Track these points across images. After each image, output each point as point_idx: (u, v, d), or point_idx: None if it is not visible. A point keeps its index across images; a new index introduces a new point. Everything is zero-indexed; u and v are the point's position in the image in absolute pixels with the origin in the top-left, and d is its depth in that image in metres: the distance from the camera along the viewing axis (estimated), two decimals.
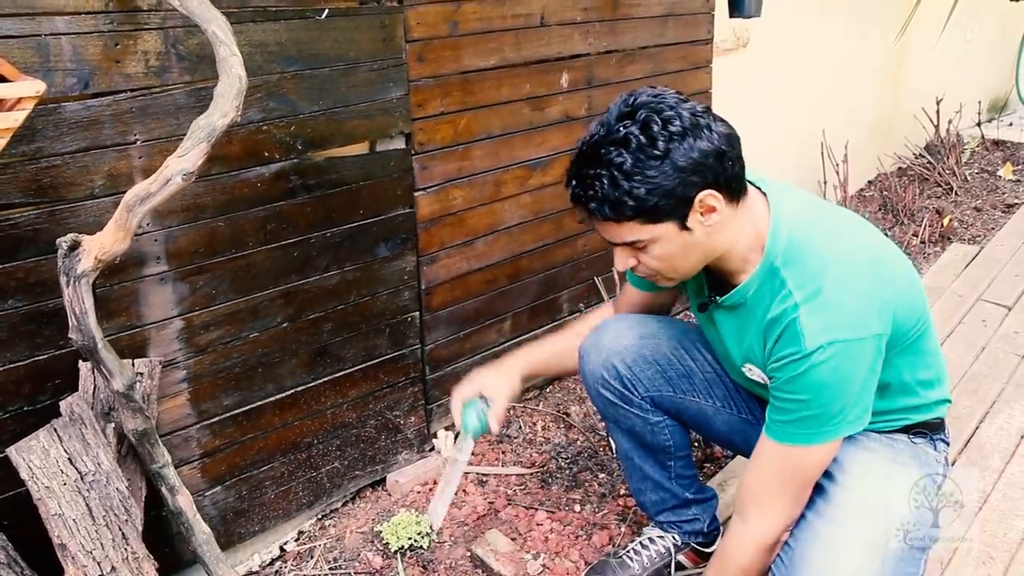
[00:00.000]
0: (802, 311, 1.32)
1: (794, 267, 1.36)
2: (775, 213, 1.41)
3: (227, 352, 1.85)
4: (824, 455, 1.40)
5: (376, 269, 2.08)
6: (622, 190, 1.29)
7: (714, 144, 1.30)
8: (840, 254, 1.38)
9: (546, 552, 2.03)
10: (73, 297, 1.39)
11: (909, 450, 1.52)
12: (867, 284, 1.36)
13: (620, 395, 1.73)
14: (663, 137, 1.28)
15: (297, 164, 1.85)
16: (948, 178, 4.48)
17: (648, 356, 1.72)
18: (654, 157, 1.28)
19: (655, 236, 1.35)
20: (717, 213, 1.33)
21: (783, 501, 1.43)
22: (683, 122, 1.29)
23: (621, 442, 1.84)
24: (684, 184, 1.29)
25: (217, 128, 1.36)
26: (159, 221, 1.68)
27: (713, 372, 1.73)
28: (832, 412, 1.34)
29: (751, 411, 1.73)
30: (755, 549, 1.45)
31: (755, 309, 1.42)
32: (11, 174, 1.48)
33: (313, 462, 2.09)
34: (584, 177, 1.33)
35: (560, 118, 2.45)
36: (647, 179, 1.28)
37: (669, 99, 1.32)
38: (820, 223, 1.43)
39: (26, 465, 1.46)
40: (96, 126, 1.56)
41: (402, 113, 2.03)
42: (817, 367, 1.30)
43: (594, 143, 1.33)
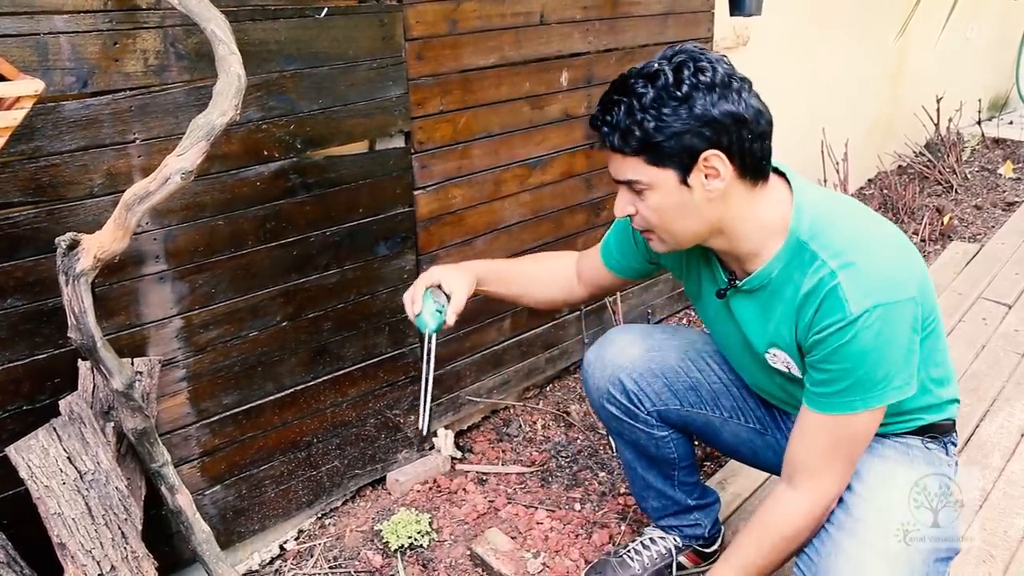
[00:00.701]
0: (841, 278, 1.30)
1: (823, 239, 1.35)
2: (798, 194, 1.40)
3: (226, 351, 1.85)
4: (872, 421, 1.37)
5: (376, 268, 2.08)
6: (634, 119, 1.29)
7: (738, 108, 1.29)
8: (867, 227, 1.38)
9: (546, 551, 2.03)
10: (72, 296, 1.39)
11: (924, 456, 1.50)
12: (897, 252, 1.36)
13: (626, 410, 1.72)
14: (689, 83, 1.28)
15: (296, 163, 1.85)
16: (948, 176, 4.48)
17: (655, 369, 1.70)
18: (674, 97, 1.28)
19: (654, 181, 1.33)
20: (719, 179, 1.31)
21: (834, 469, 1.40)
22: (715, 76, 1.28)
23: (624, 452, 1.83)
24: (694, 134, 1.28)
25: (216, 127, 1.36)
26: (158, 220, 1.68)
27: (720, 382, 1.72)
28: (877, 378, 1.32)
29: (759, 420, 1.72)
30: (804, 517, 1.42)
31: (782, 288, 1.39)
32: (10, 173, 1.48)
33: (313, 461, 2.09)
34: (607, 102, 1.34)
35: (560, 116, 2.45)
36: (661, 116, 1.28)
37: (712, 55, 1.32)
38: (842, 204, 1.44)
39: (25, 464, 1.46)
40: (95, 125, 1.56)
41: (401, 112, 2.02)
42: (862, 332, 1.29)
43: (627, 74, 1.34)
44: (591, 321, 2.74)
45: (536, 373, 2.65)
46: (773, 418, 1.72)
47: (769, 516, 1.46)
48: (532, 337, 2.58)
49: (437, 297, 1.60)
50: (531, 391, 2.71)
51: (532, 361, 2.62)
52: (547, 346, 2.65)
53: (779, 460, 1.53)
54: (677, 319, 3.15)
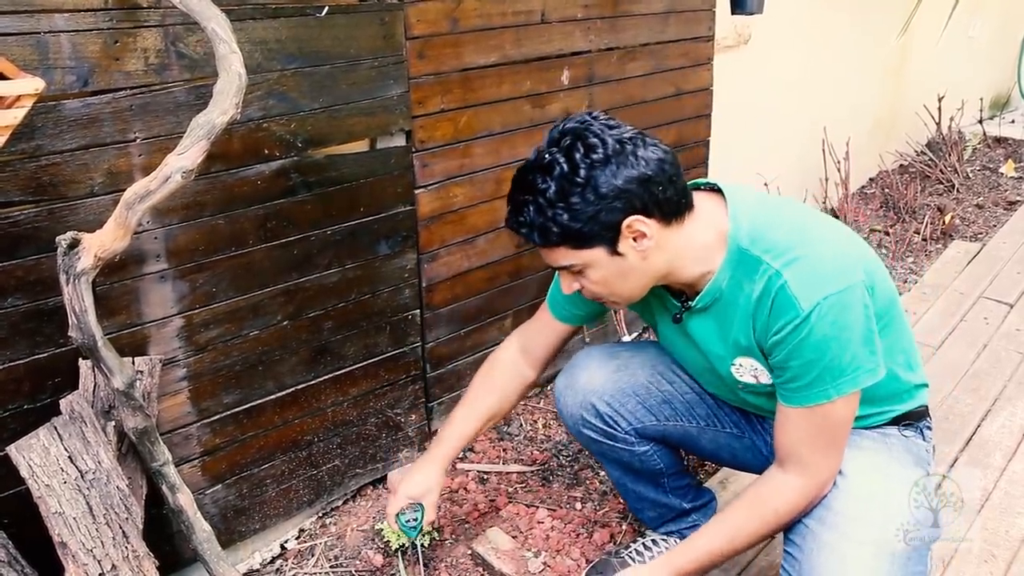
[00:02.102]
0: (787, 276, 1.33)
1: (763, 242, 1.37)
2: (732, 203, 1.41)
3: (227, 350, 1.85)
4: (848, 406, 1.39)
5: (377, 267, 2.07)
6: (546, 217, 1.31)
7: (639, 170, 1.30)
8: (804, 223, 1.41)
9: (547, 550, 2.03)
10: (73, 295, 1.39)
11: (902, 444, 1.52)
12: (840, 240, 1.40)
13: (603, 432, 1.72)
14: (585, 164, 1.29)
15: (297, 162, 1.85)
16: (950, 175, 4.48)
17: (625, 389, 1.71)
18: (576, 184, 1.29)
19: (587, 261, 1.36)
20: (648, 239, 1.34)
21: (822, 457, 1.42)
22: (607, 149, 1.30)
23: (611, 470, 1.83)
24: (607, 211, 1.30)
25: (216, 126, 1.36)
26: (159, 219, 1.68)
27: (692, 392, 1.72)
28: (844, 364, 1.34)
29: (735, 424, 1.73)
30: (798, 495, 1.43)
31: (734, 298, 1.41)
32: (10, 172, 1.48)
33: (314, 460, 2.09)
34: (516, 202, 1.36)
35: (561, 115, 2.44)
36: (570, 206, 1.29)
37: (596, 125, 1.33)
38: (778, 205, 1.47)
39: (26, 463, 1.46)
40: (96, 124, 1.55)
41: (402, 110, 2.02)
42: (818, 325, 1.31)
43: (524, 170, 1.36)
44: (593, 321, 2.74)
45: None
46: (749, 421, 1.73)
47: (763, 490, 1.47)
48: None
49: (408, 513, 1.75)
50: (532, 390, 2.71)
51: None
52: None
53: (759, 461, 1.55)
54: None
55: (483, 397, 1.79)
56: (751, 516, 1.46)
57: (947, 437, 2.34)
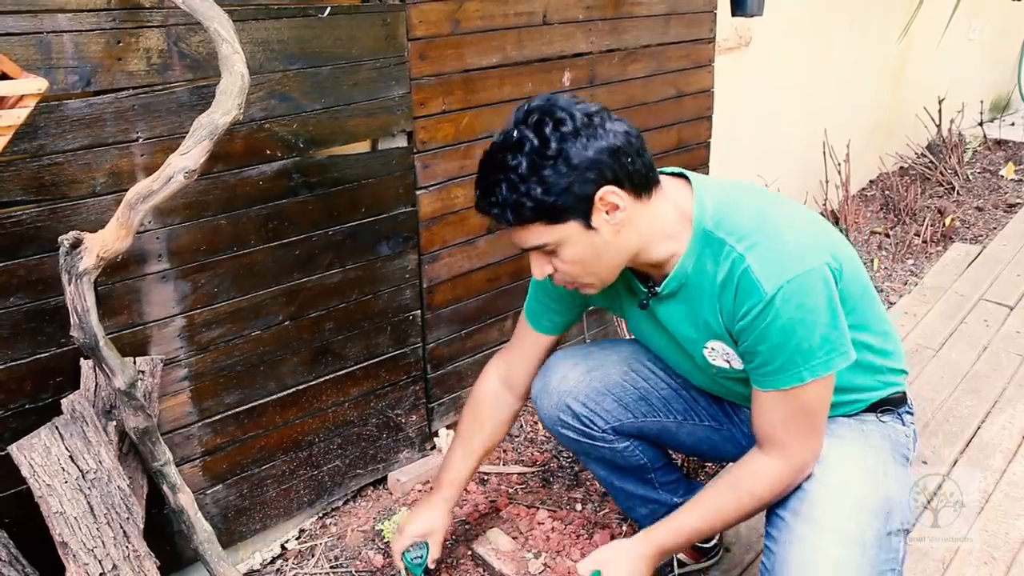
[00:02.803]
0: (750, 260, 1.33)
1: (727, 224, 1.38)
2: (697, 186, 1.43)
3: (229, 350, 1.85)
4: (823, 389, 1.39)
5: (378, 267, 2.08)
6: (519, 192, 1.30)
7: (608, 142, 1.31)
8: (768, 206, 1.42)
9: (547, 551, 2.03)
10: (75, 295, 1.39)
11: (880, 431, 1.52)
12: (802, 224, 1.40)
13: (581, 432, 1.72)
14: (555, 137, 1.29)
15: (299, 162, 1.85)
16: (950, 178, 4.48)
17: (600, 388, 1.70)
18: (547, 157, 1.29)
19: (561, 238, 1.35)
20: (621, 210, 1.34)
21: (800, 440, 1.42)
22: (575, 122, 1.30)
23: (597, 470, 1.83)
24: (581, 182, 1.30)
25: (219, 126, 1.36)
26: (161, 219, 1.68)
27: (668, 387, 1.72)
28: (812, 346, 1.34)
29: (713, 417, 1.73)
30: (776, 478, 1.43)
31: (700, 281, 1.42)
32: (13, 172, 1.48)
33: (314, 460, 2.09)
34: (485, 184, 1.35)
35: None
36: (543, 179, 1.29)
37: (561, 101, 1.34)
38: (742, 188, 1.47)
39: (27, 463, 1.46)
40: (98, 124, 1.56)
41: (404, 111, 2.02)
42: (783, 308, 1.31)
43: (492, 150, 1.35)
44: (592, 321, 2.74)
45: None
46: (725, 412, 1.73)
47: (742, 471, 1.48)
48: None
49: (414, 551, 1.81)
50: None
51: None
52: None
53: (739, 452, 1.56)
54: None
55: (475, 434, 1.81)
56: (730, 497, 1.48)
57: (947, 439, 2.34)
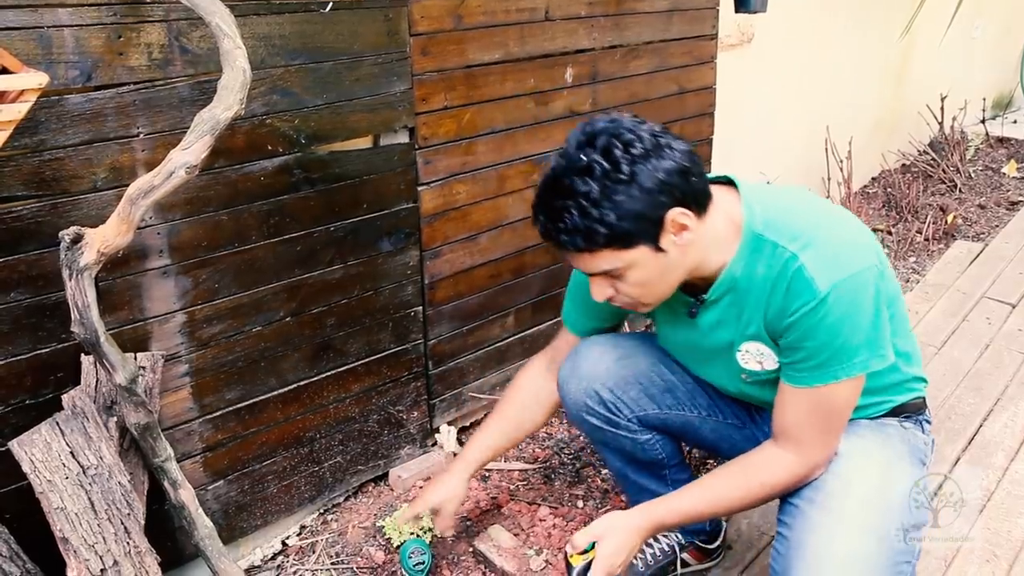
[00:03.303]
0: (803, 259, 1.33)
1: (778, 227, 1.38)
2: (745, 192, 1.43)
3: (230, 346, 1.85)
4: (853, 390, 1.39)
5: (379, 264, 2.07)
6: (592, 218, 1.28)
7: (677, 162, 1.30)
8: (817, 208, 1.44)
9: (549, 548, 2.03)
10: (76, 290, 1.38)
11: (899, 434, 1.52)
12: (852, 226, 1.41)
13: (606, 419, 1.72)
14: (626, 160, 1.28)
15: (300, 158, 1.85)
16: (952, 175, 4.47)
17: (629, 377, 1.70)
18: (620, 181, 1.28)
19: (630, 262, 1.34)
20: (689, 231, 1.34)
21: (820, 439, 1.43)
22: (644, 144, 1.29)
23: (612, 460, 1.82)
24: (654, 205, 1.29)
25: (221, 121, 1.36)
26: (162, 214, 1.67)
27: (694, 382, 1.72)
28: (854, 346, 1.34)
29: (736, 415, 1.72)
30: (788, 472, 1.44)
31: (748, 284, 1.41)
32: (14, 167, 1.47)
33: (315, 456, 2.09)
34: (552, 210, 1.32)
35: (564, 113, 2.44)
36: (616, 204, 1.28)
37: (626, 122, 1.32)
38: (789, 193, 1.49)
39: (28, 459, 1.46)
40: (99, 119, 1.55)
41: (406, 107, 2.02)
42: (834, 306, 1.31)
43: (557, 175, 1.32)
44: None
45: None
46: (749, 412, 1.73)
47: (755, 460, 1.48)
48: (535, 334, 2.58)
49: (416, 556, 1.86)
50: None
51: None
52: None
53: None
54: None
55: (513, 415, 1.82)
56: (739, 484, 1.48)
57: (949, 437, 2.34)
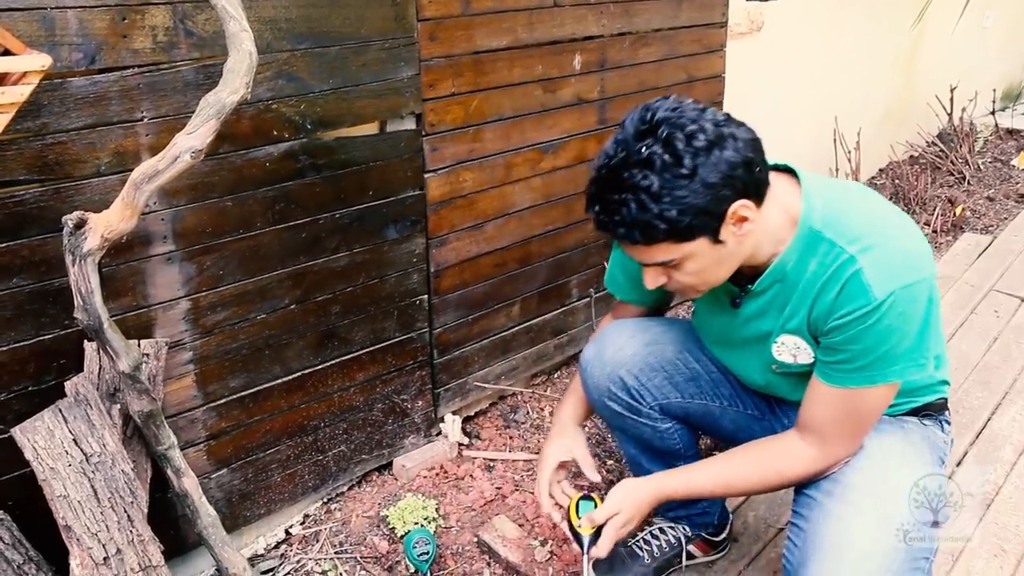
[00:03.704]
0: (862, 263, 1.30)
1: (838, 227, 1.34)
2: (806, 185, 1.38)
3: (234, 334, 1.83)
4: (887, 395, 1.38)
5: (385, 251, 2.05)
6: (652, 213, 1.24)
7: (740, 153, 1.26)
8: (878, 211, 1.39)
9: (554, 539, 2.02)
10: (79, 276, 1.37)
11: (919, 431, 1.51)
12: (912, 232, 1.36)
13: (627, 406, 1.70)
14: (689, 153, 1.23)
15: (306, 144, 1.82)
16: (961, 167, 4.43)
17: (654, 363, 1.68)
18: (682, 176, 1.23)
19: (688, 254, 1.31)
20: (750, 222, 1.30)
21: (845, 438, 1.41)
22: (707, 135, 1.24)
23: (628, 447, 1.81)
24: (716, 200, 1.25)
25: (227, 105, 1.34)
26: (166, 200, 1.66)
27: (718, 371, 1.70)
28: (898, 354, 1.32)
29: (756, 406, 1.70)
30: (805, 465, 1.43)
31: (797, 279, 1.38)
32: (16, 150, 1.45)
33: (319, 445, 2.08)
34: (609, 203, 1.28)
35: (572, 100, 2.42)
36: (677, 200, 1.23)
37: (689, 111, 1.27)
38: (850, 190, 1.43)
39: (31, 446, 1.44)
40: (103, 102, 1.53)
41: (413, 93, 1.99)
42: (887, 315, 1.29)
43: (615, 166, 1.27)
44: (601, 307, 2.72)
45: (544, 359, 2.63)
46: (769, 405, 1.71)
47: (776, 448, 1.47)
48: (541, 323, 2.56)
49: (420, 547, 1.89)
50: (539, 377, 2.69)
51: (540, 347, 2.59)
52: (556, 332, 2.62)
53: None
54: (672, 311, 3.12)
55: None
56: (755, 469, 1.47)
57: (957, 431, 2.32)
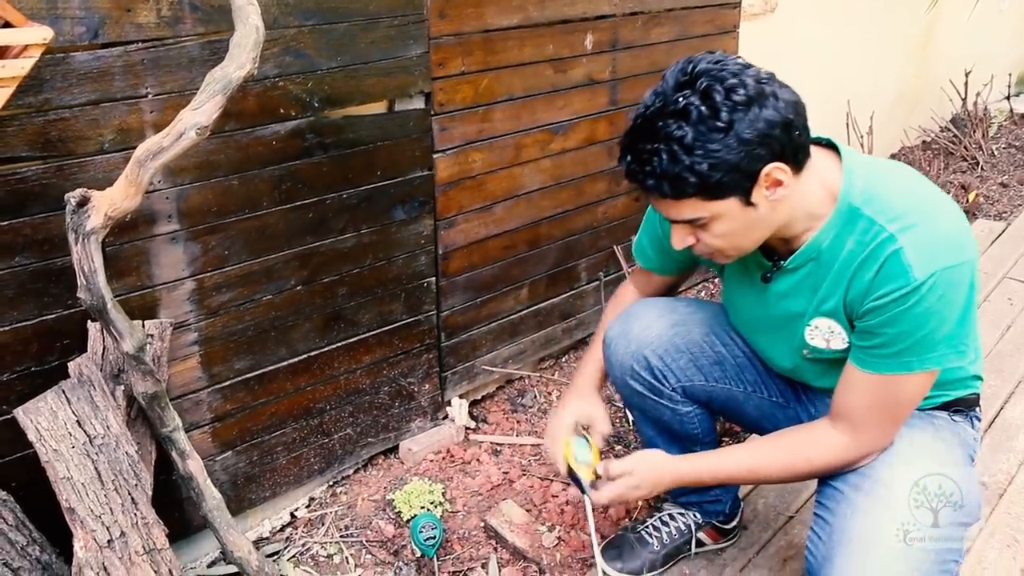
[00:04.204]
0: (902, 242, 1.26)
1: (878, 204, 1.30)
2: (847, 160, 1.34)
3: (239, 315, 1.81)
4: (925, 383, 1.34)
5: (393, 232, 2.02)
6: (683, 166, 1.21)
7: (781, 114, 1.22)
8: (921, 189, 1.34)
9: (562, 524, 2.00)
10: (82, 255, 1.34)
11: (949, 427, 1.47)
12: (955, 212, 1.32)
13: (650, 387, 1.67)
14: (726, 107, 1.20)
15: (313, 122, 1.79)
16: (974, 152, 4.38)
17: (680, 345, 1.65)
18: (717, 129, 1.20)
19: (717, 213, 1.28)
20: (784, 187, 1.27)
21: (879, 428, 1.38)
22: (748, 90, 1.21)
23: (645, 429, 1.79)
24: (750, 158, 1.22)
25: (233, 80, 1.30)
26: (171, 178, 1.63)
27: (744, 356, 1.67)
28: (936, 340, 1.28)
29: (781, 393, 1.67)
30: (837, 455, 1.40)
31: (833, 257, 1.35)
32: (17, 126, 1.42)
33: (325, 428, 2.05)
34: (640, 152, 1.25)
35: (583, 81, 2.38)
36: (710, 153, 1.20)
37: (731, 65, 1.24)
38: (895, 167, 1.39)
39: (34, 427, 1.42)
40: (106, 78, 1.50)
41: (422, 72, 1.96)
42: (927, 297, 1.25)
43: (650, 115, 1.24)
44: (610, 291, 2.69)
45: (552, 343, 2.61)
46: (795, 391, 1.68)
47: (805, 435, 1.44)
48: (549, 307, 2.53)
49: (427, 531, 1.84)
50: (546, 361, 2.67)
51: (548, 331, 2.57)
52: (564, 316, 2.60)
53: None
54: (696, 291, 3.09)
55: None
56: (783, 455, 1.44)
57: None
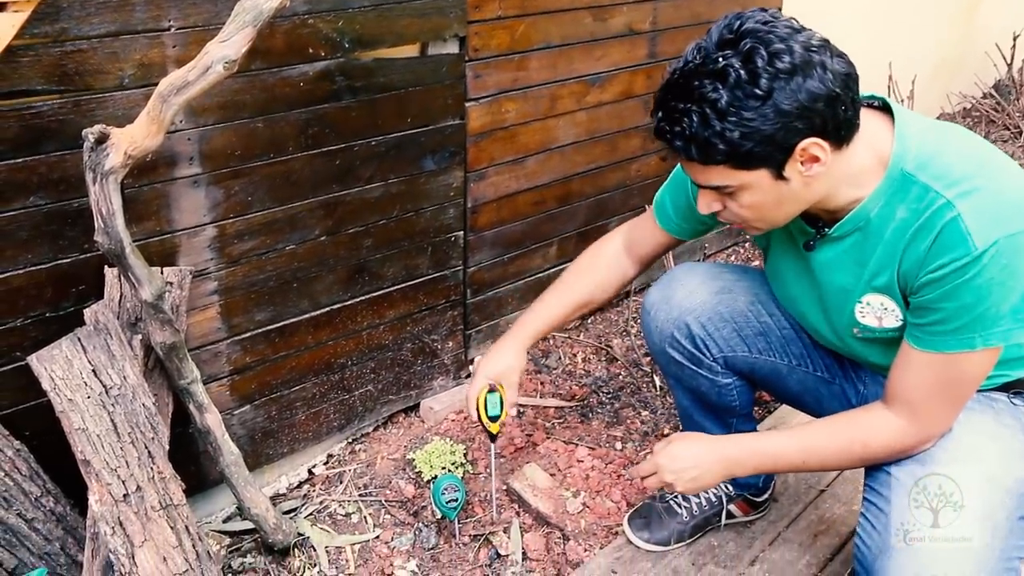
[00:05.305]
0: (961, 208, 1.16)
1: (934, 169, 1.20)
2: (900, 122, 1.24)
3: (261, 264, 1.73)
4: (988, 361, 1.25)
5: (421, 183, 1.94)
6: (713, 130, 1.13)
7: (827, 87, 1.12)
8: (981, 152, 1.24)
9: (587, 490, 1.94)
10: (100, 196, 1.27)
11: (1010, 411, 1.38)
12: (1019, 174, 1.22)
13: (690, 356, 1.60)
14: (767, 74, 1.11)
15: (343, 64, 1.70)
16: (1017, 121, 4.23)
17: (724, 313, 1.57)
18: (754, 96, 1.11)
19: (745, 183, 1.20)
20: (820, 164, 1.18)
21: (940, 411, 1.30)
22: (794, 58, 1.11)
23: (681, 398, 1.72)
24: (786, 130, 1.13)
25: (264, 12, 1.21)
26: (193, 119, 1.54)
27: (790, 328, 1.59)
28: (1000, 313, 1.20)
29: (827, 368, 1.59)
30: (894, 440, 1.32)
31: (882, 227, 1.26)
32: (32, 57, 1.34)
33: (346, 384, 1.99)
34: (672, 111, 1.17)
35: (623, 31, 2.26)
36: (743, 121, 1.12)
37: (781, 28, 1.14)
38: (952, 129, 1.28)
39: (48, 375, 1.36)
40: (126, 8, 1.41)
41: (457, 14, 1.85)
42: (988, 267, 1.16)
43: (687, 72, 1.16)
44: None
45: None
46: (842, 366, 1.59)
47: (860, 418, 1.36)
48: None
49: (449, 493, 1.79)
50: (573, 322, 2.59)
51: None
52: None
53: (843, 409, 1.43)
54: (726, 255, 3.00)
55: (581, 283, 1.67)
56: (840, 441, 1.36)
57: None
